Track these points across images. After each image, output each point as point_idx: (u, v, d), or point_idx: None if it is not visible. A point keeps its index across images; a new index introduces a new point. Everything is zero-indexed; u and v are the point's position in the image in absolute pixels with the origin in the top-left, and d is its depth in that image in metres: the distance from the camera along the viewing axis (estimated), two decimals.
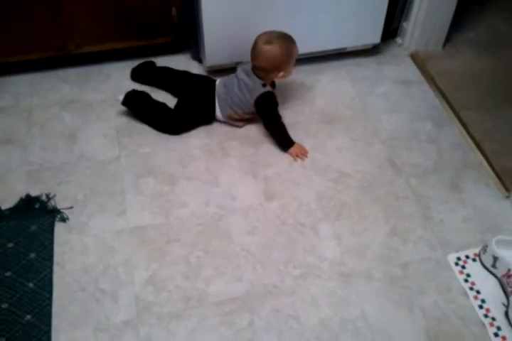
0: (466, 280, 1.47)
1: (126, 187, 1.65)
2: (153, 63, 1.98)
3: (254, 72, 1.72)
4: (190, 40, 2.01)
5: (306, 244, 1.54)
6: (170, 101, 1.85)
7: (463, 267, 1.49)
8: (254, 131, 1.83)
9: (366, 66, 2.07)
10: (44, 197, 1.61)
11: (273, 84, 1.80)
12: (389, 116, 1.90)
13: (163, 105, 1.82)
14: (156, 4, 1.87)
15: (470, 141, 1.81)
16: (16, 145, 1.76)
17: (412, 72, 2.06)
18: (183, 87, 1.87)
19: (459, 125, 1.87)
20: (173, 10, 1.90)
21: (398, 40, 2.17)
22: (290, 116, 1.88)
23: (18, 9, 1.77)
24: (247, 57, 1.96)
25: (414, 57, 2.11)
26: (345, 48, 2.06)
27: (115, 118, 1.84)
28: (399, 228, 1.58)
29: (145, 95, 1.82)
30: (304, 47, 1.98)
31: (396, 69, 2.06)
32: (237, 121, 1.82)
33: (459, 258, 1.51)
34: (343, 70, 2.05)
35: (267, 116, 1.77)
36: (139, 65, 1.97)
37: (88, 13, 1.83)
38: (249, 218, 1.59)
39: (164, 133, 1.79)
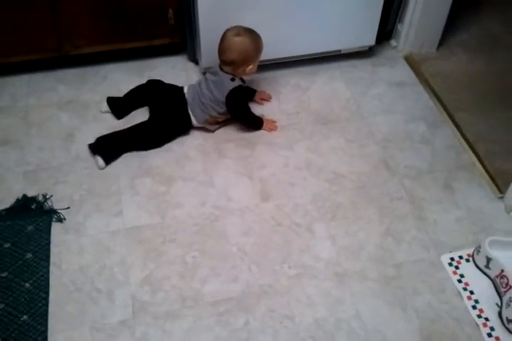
0: (459, 281, 1.48)
1: (122, 188, 1.66)
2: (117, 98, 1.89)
3: (222, 69, 1.73)
4: (186, 41, 2.02)
5: (302, 244, 1.55)
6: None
7: (456, 267, 1.51)
8: (250, 132, 1.84)
9: (361, 68, 2.09)
10: (41, 198, 1.62)
11: (242, 80, 1.80)
12: (383, 117, 1.91)
13: (132, 128, 1.76)
14: (153, 6, 1.88)
15: (463, 143, 1.83)
16: (13, 146, 1.77)
17: (406, 73, 2.07)
18: (153, 101, 1.84)
19: (453, 126, 1.88)
20: (170, 12, 1.91)
21: (393, 42, 2.18)
22: (285, 117, 1.90)
23: (17, 10, 1.77)
24: None
25: (408, 59, 2.13)
26: (340, 50, 2.07)
27: (112, 118, 1.84)
28: (393, 228, 1.59)
29: (109, 136, 1.74)
30: (299, 49, 2.01)
31: (390, 71, 2.08)
32: (212, 124, 1.81)
33: (452, 259, 1.53)
34: (338, 72, 2.07)
35: (239, 110, 1.79)
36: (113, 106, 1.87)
37: (86, 14, 1.84)
38: (245, 219, 1.60)
39: (146, 150, 1.75)
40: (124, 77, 1.98)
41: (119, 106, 1.86)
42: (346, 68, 2.08)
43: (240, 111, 1.80)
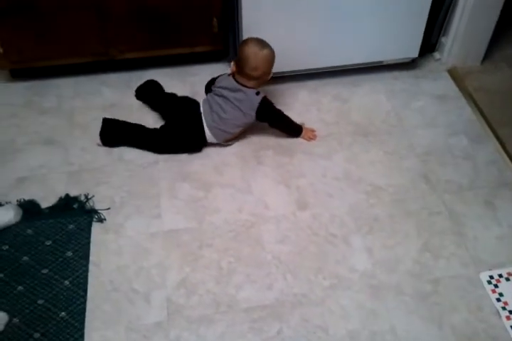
0: (498, 300, 1.45)
1: (162, 191, 1.68)
2: (155, 83, 1.96)
3: (242, 84, 1.71)
4: (229, 49, 2.04)
5: (337, 255, 1.54)
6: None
7: (496, 286, 1.48)
8: (289, 140, 1.85)
9: (403, 80, 2.07)
10: (83, 198, 1.66)
11: None
12: (424, 130, 1.89)
13: (145, 130, 1.80)
14: (198, 14, 1.91)
15: (507, 159, 1.79)
16: (58, 146, 1.82)
17: (449, 87, 2.05)
18: (170, 113, 1.82)
19: (496, 142, 1.85)
20: (214, 20, 1.94)
21: (436, 54, 2.17)
22: (325, 127, 1.90)
23: (66, 15, 1.83)
24: (284, 67, 2.00)
25: (451, 73, 2.10)
26: (382, 61, 2.07)
27: (153, 123, 1.87)
28: (431, 244, 1.57)
29: (120, 123, 1.80)
30: (341, 59, 2.02)
31: (433, 84, 2.06)
32: (231, 140, 1.81)
33: (491, 277, 1.49)
34: (379, 83, 2.06)
35: (273, 118, 1.78)
36: (145, 84, 1.97)
37: (131, 21, 1.88)
38: (281, 227, 1.61)
39: (149, 151, 1.78)
40: (166, 83, 2.01)
41: (143, 94, 1.94)
42: (388, 80, 2.07)
43: (278, 119, 1.80)
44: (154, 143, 1.78)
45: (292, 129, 1.85)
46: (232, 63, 1.74)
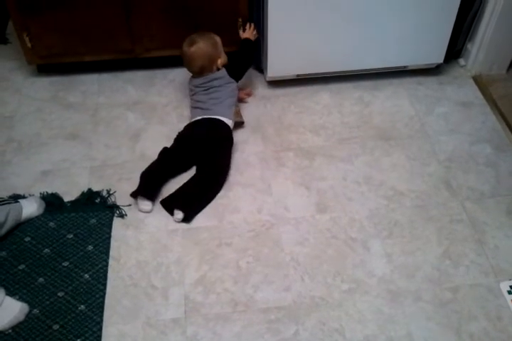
0: None
1: None
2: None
3: (206, 73, 1.78)
4: None
5: (356, 259, 1.54)
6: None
7: None
8: (310, 143, 1.85)
9: (427, 85, 2.06)
10: (105, 193, 1.67)
11: None
12: (447, 137, 1.88)
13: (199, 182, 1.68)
14: (224, 14, 1.92)
15: None
16: (82, 141, 1.84)
17: (473, 94, 2.03)
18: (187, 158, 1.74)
19: None
20: (240, 21, 1.95)
21: (461, 61, 2.15)
22: (346, 130, 1.89)
23: (94, 11, 1.85)
24: (307, 69, 2.00)
25: (476, 80, 2.09)
26: (406, 66, 2.06)
27: (177, 122, 1.88)
28: (451, 251, 1.56)
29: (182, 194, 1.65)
30: (365, 62, 2.01)
31: (457, 91, 2.04)
32: (239, 116, 1.83)
33: None
34: (402, 88, 2.05)
35: (239, 61, 1.85)
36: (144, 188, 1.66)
37: (158, 19, 1.90)
38: (300, 229, 1.61)
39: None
40: None
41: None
42: (411, 85, 2.06)
43: (242, 58, 1.86)
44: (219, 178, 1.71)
45: (252, 48, 1.89)
46: None
